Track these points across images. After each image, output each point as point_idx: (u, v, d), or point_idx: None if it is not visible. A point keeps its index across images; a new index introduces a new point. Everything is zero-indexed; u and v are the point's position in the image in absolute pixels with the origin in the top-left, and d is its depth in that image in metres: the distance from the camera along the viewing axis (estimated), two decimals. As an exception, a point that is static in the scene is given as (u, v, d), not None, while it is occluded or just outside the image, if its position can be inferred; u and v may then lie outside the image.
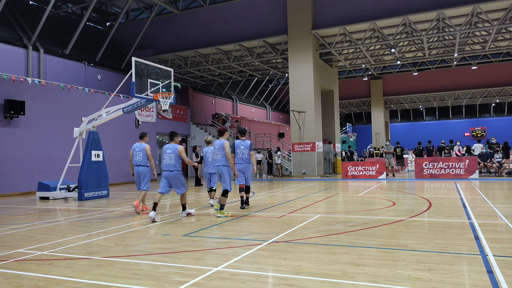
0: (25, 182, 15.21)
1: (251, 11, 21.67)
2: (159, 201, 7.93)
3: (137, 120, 21.23)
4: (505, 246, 4.92)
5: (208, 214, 8.49)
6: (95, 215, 8.92)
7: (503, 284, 3.56)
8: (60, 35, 20.59)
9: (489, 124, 43.99)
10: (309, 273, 4.05)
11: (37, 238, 6.26)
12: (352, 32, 20.54)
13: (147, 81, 11.87)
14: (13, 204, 11.86)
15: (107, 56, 22.64)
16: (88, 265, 4.54)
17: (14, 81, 15.08)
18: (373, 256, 4.59)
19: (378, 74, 35.99)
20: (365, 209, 8.49)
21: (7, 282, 4.01)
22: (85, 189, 12.35)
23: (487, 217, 7.14)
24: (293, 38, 20.89)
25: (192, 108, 27.50)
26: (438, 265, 4.18)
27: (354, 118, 51.34)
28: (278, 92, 40.93)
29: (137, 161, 9.11)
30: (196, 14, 22.83)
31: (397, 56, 24.61)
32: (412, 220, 6.99)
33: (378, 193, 12.05)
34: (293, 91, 21.34)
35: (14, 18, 18.49)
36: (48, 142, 16.21)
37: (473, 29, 19.30)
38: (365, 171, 18.59)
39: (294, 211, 8.47)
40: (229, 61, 23.93)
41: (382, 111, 38.55)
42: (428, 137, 35.75)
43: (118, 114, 12.80)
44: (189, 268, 4.32)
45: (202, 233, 6.33)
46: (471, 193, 11.14)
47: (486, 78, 33.97)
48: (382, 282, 3.70)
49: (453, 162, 17.09)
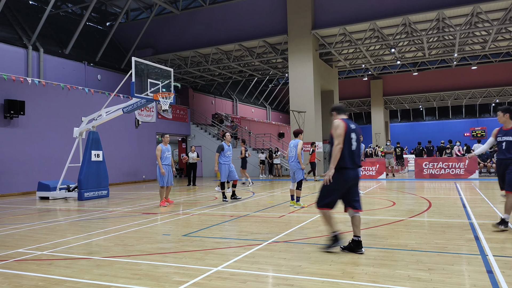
0: (25, 182, 15.21)
1: (251, 11, 21.66)
2: None
3: (137, 120, 21.23)
4: (505, 246, 4.93)
5: (208, 214, 8.49)
6: (95, 215, 8.92)
7: (503, 284, 3.56)
8: (60, 35, 20.59)
9: (489, 124, 43.94)
10: (309, 273, 4.05)
11: (37, 238, 6.26)
12: (352, 32, 20.54)
13: (147, 81, 11.87)
14: (13, 204, 11.86)
15: (107, 56, 22.64)
16: (88, 265, 4.54)
17: (14, 81, 15.08)
18: (373, 256, 4.59)
19: (378, 74, 36.00)
20: (365, 209, 8.48)
21: (7, 282, 4.01)
22: (85, 189, 12.34)
23: (487, 217, 7.14)
24: (293, 38, 20.89)
25: (192, 108, 27.50)
26: (438, 265, 4.18)
27: (354, 118, 51.29)
28: (278, 92, 40.93)
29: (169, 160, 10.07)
30: (196, 14, 22.83)
31: (397, 56, 24.61)
32: (412, 220, 6.99)
33: (378, 193, 12.05)
34: (293, 91, 21.34)
35: (14, 18, 18.49)
36: (48, 142, 16.20)
37: (473, 29, 19.30)
38: (365, 171, 18.59)
39: (294, 211, 8.48)
40: (229, 61, 23.93)
41: (382, 111, 38.55)
42: (428, 137, 35.72)
43: (118, 114, 12.80)
44: (189, 268, 4.32)
45: (202, 233, 6.33)
46: (471, 193, 11.15)
47: (486, 78, 33.97)
48: (382, 282, 3.71)
49: (453, 162, 17.09)
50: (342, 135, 4.73)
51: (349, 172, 4.74)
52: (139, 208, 9.92)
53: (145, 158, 21.73)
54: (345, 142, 4.74)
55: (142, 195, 13.46)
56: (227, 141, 10.91)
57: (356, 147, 4.83)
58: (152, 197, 12.63)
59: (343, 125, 4.77)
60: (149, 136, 22.26)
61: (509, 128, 6.04)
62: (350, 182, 4.77)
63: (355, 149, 4.80)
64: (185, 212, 8.76)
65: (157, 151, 9.78)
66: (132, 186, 18.60)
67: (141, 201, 11.64)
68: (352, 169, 4.75)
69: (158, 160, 9.73)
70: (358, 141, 4.88)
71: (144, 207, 10.00)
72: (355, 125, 4.94)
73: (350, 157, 4.75)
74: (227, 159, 10.76)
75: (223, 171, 10.70)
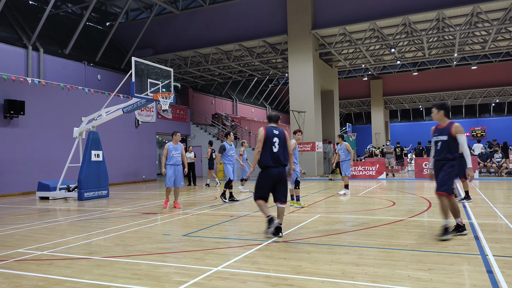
0: (25, 182, 15.21)
1: (251, 11, 21.66)
2: None
3: (137, 120, 21.23)
4: (505, 246, 4.93)
5: (208, 214, 8.49)
6: (95, 215, 8.92)
7: (503, 284, 3.56)
8: (60, 35, 20.59)
9: (489, 124, 43.96)
10: (309, 273, 4.05)
11: (37, 238, 6.26)
12: (352, 32, 20.54)
13: (147, 81, 11.87)
14: (13, 204, 11.85)
15: (107, 56, 22.64)
16: (88, 265, 4.54)
17: (14, 81, 15.08)
18: (373, 256, 4.59)
19: (378, 74, 36.00)
20: (365, 209, 8.49)
21: (7, 282, 4.01)
22: (85, 189, 12.34)
23: (487, 217, 7.14)
24: (293, 38, 20.89)
25: (192, 108, 27.50)
26: (438, 265, 4.18)
27: (354, 118, 51.34)
28: (278, 92, 40.93)
29: (178, 159, 9.53)
30: (196, 14, 22.82)
31: (397, 56, 24.61)
32: (412, 220, 6.99)
33: (378, 193, 12.05)
34: (293, 91, 21.34)
35: (14, 18, 18.49)
36: (48, 142, 16.20)
37: (473, 29, 19.30)
38: (365, 171, 18.59)
39: (294, 211, 8.48)
40: (229, 61, 23.93)
41: (382, 111, 38.55)
42: (428, 137, 35.45)
43: (118, 114, 12.80)
44: (189, 268, 4.32)
45: (202, 233, 6.33)
46: (471, 193, 11.13)
47: (486, 78, 33.97)
48: (382, 282, 3.71)
49: (453, 162, 17.05)
50: (261, 140, 5.75)
51: (272, 170, 5.72)
52: (139, 208, 9.92)
53: (145, 158, 21.73)
54: (266, 146, 5.73)
55: (142, 195, 13.46)
56: (229, 141, 10.85)
57: (279, 150, 5.76)
58: (152, 197, 12.63)
59: (263, 132, 5.78)
60: (149, 136, 22.25)
61: (444, 127, 5.50)
62: (274, 178, 5.75)
63: (277, 151, 5.74)
64: (185, 212, 8.76)
65: (164, 149, 9.43)
66: (132, 186, 18.60)
67: (141, 201, 11.64)
68: (275, 167, 5.72)
69: (163, 160, 9.41)
70: (282, 144, 5.80)
71: (144, 207, 10.00)
72: (279, 131, 5.86)
73: (271, 158, 5.72)
74: (230, 158, 10.75)
75: (229, 170, 10.60)
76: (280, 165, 5.76)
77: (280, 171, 5.77)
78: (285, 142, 5.86)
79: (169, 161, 9.37)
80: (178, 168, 9.45)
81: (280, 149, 5.78)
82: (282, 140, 5.83)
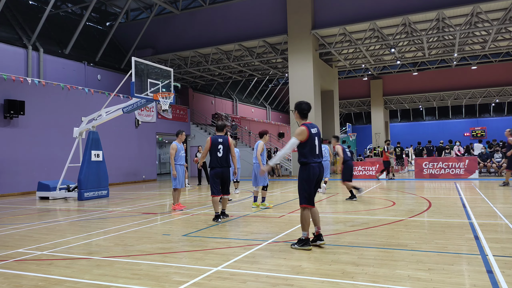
0: (25, 182, 15.21)
1: (251, 11, 21.66)
2: None
3: (137, 120, 21.23)
4: (505, 246, 4.93)
5: (208, 214, 8.48)
6: (95, 215, 8.92)
7: (503, 284, 3.56)
8: (60, 35, 20.58)
9: (489, 124, 43.95)
10: (309, 273, 4.05)
11: (37, 238, 6.26)
12: (352, 32, 20.54)
13: (147, 81, 11.86)
14: (13, 204, 11.85)
15: (107, 56, 22.63)
16: (88, 265, 4.54)
17: (14, 81, 15.08)
18: (373, 256, 4.59)
19: (378, 74, 35.99)
20: (365, 209, 8.49)
21: (7, 282, 4.01)
22: (85, 189, 12.34)
23: (487, 217, 7.14)
24: (293, 38, 20.89)
25: (192, 108, 27.50)
26: (438, 265, 4.18)
27: (354, 118, 51.32)
28: (278, 92, 40.92)
29: (183, 159, 9.30)
30: (196, 14, 22.82)
31: (397, 56, 24.61)
32: (412, 220, 6.99)
33: (378, 193, 12.05)
34: (293, 91, 21.33)
35: (14, 18, 18.49)
36: (48, 142, 16.20)
37: (473, 29, 19.30)
38: (365, 171, 18.59)
39: (294, 211, 8.47)
40: (229, 61, 23.93)
41: (382, 111, 38.54)
42: (428, 137, 35.74)
43: (118, 114, 12.80)
44: (189, 268, 4.32)
45: (202, 233, 6.33)
46: (471, 193, 11.14)
47: (486, 78, 33.97)
48: (382, 282, 3.71)
49: (453, 162, 17.09)
50: (207, 148, 7.36)
51: (217, 169, 7.30)
52: (139, 208, 9.92)
53: (145, 158, 21.73)
54: (212, 151, 7.29)
55: (142, 195, 13.45)
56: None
57: (223, 154, 7.29)
58: (152, 197, 12.63)
59: (209, 140, 7.33)
60: (149, 136, 22.25)
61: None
62: (219, 175, 7.32)
63: (221, 155, 7.29)
64: (185, 212, 8.76)
65: (171, 149, 8.87)
66: (132, 186, 18.59)
67: (141, 201, 11.64)
68: (219, 167, 7.29)
69: (172, 160, 8.88)
70: (225, 149, 7.31)
71: (144, 207, 10.00)
72: (223, 138, 7.35)
73: (217, 160, 7.28)
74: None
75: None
76: (224, 166, 7.33)
77: (224, 170, 7.33)
78: (228, 147, 7.35)
79: (177, 161, 8.98)
80: (183, 168, 9.22)
81: (224, 153, 7.31)
82: (226, 146, 7.34)
